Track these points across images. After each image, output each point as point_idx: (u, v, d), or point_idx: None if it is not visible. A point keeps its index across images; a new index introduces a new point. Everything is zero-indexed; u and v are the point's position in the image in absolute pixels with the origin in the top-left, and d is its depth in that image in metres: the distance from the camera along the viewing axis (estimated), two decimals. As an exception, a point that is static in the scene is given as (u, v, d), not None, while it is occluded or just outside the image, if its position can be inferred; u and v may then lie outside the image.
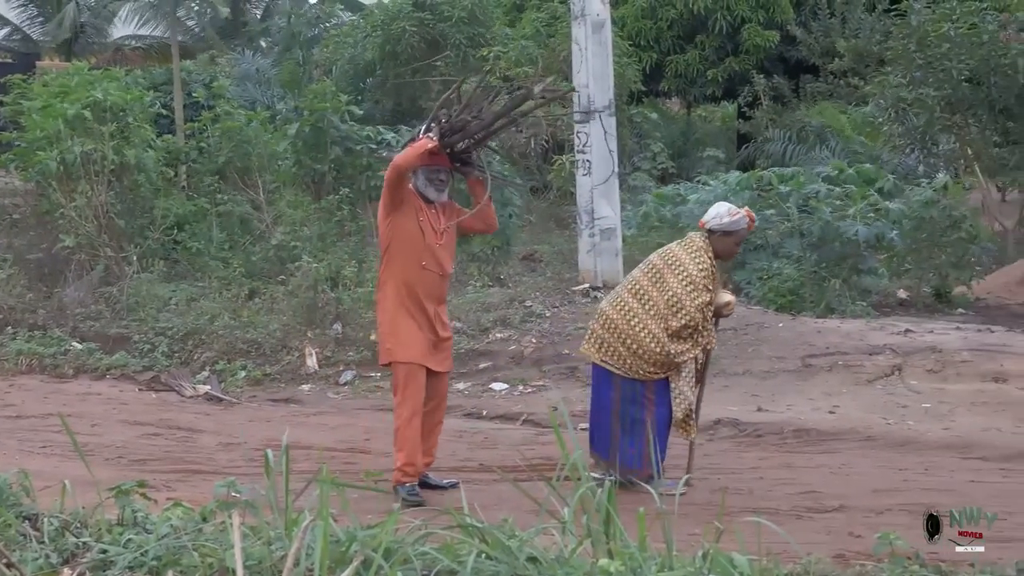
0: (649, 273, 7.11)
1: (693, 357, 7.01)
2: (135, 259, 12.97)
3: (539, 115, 7.40)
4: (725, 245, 7.13)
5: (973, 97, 15.92)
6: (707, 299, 6.93)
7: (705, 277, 6.94)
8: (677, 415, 6.98)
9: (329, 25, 22.97)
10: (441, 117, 6.93)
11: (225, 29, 27.21)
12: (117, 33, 27.84)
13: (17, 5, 28.22)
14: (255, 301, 12.10)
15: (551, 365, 10.54)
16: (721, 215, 7.11)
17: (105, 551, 3.04)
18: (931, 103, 15.91)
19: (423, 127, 7.02)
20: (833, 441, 8.41)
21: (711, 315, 7.03)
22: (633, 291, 7.12)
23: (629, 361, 7.02)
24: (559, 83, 9.42)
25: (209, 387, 10.50)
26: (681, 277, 6.95)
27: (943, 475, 7.48)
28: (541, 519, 3.11)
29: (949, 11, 16.01)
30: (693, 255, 7.02)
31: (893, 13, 18.38)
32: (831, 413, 9.01)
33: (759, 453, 8.20)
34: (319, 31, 22.42)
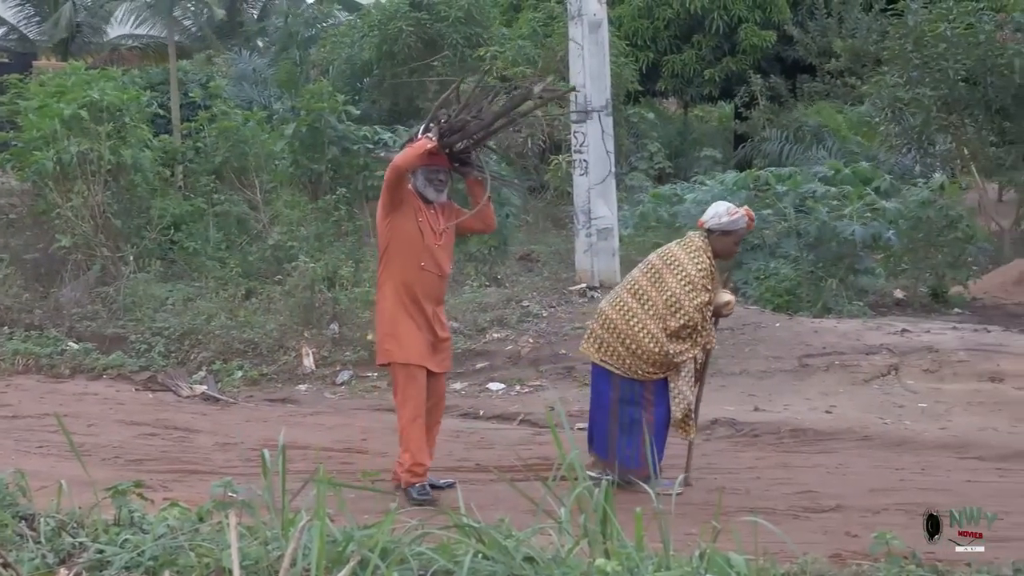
0: (648, 273, 7.11)
1: (692, 357, 7.01)
2: (132, 259, 12.96)
3: (537, 115, 7.37)
4: (724, 244, 7.12)
5: (970, 97, 15.94)
6: (706, 299, 6.92)
7: (704, 277, 6.94)
8: (676, 415, 6.98)
9: (326, 25, 22.94)
10: (440, 117, 6.92)
11: (222, 29, 27.17)
12: (113, 33, 27.77)
13: (13, 5, 28.16)
14: (252, 301, 12.09)
15: (548, 365, 10.54)
16: (720, 214, 7.10)
17: (102, 551, 3.04)
18: (928, 103, 15.93)
19: (421, 127, 7.01)
20: (830, 441, 8.41)
21: (710, 315, 7.03)
22: (632, 291, 7.11)
23: (628, 361, 7.02)
24: (557, 83, 9.40)
25: (206, 387, 10.49)
26: (680, 277, 6.95)
27: (940, 475, 7.49)
28: (538, 519, 3.11)
29: (946, 11, 16.04)
30: (692, 255, 7.01)
31: (890, 13, 18.39)
32: (828, 413, 9.02)
33: (756, 453, 8.20)
34: (316, 31, 22.39)
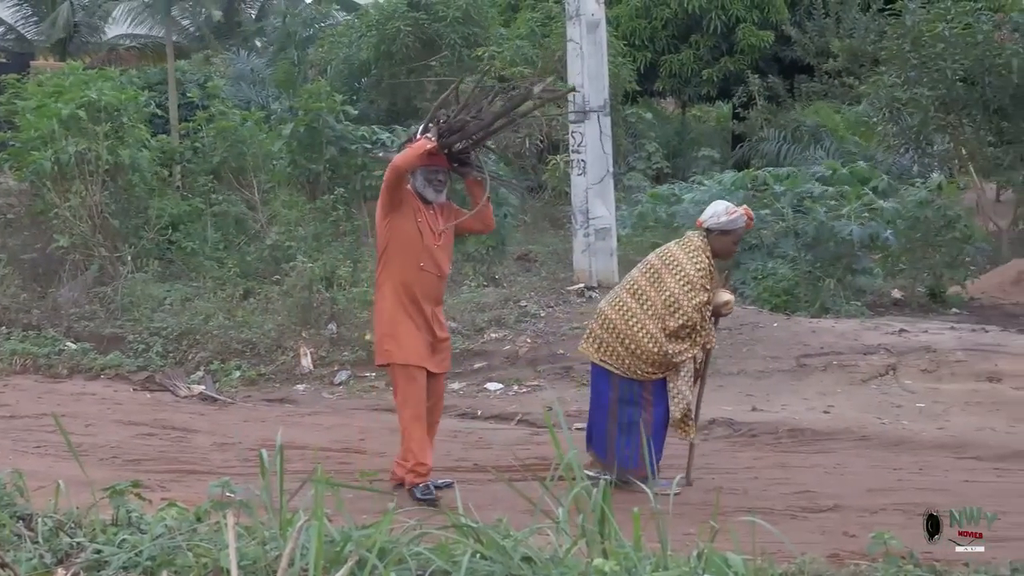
0: (647, 273, 7.10)
1: (692, 357, 7.01)
2: (129, 259, 12.94)
3: (536, 115, 7.37)
4: (723, 244, 7.11)
5: (967, 97, 15.94)
6: (705, 298, 6.92)
7: (703, 277, 6.93)
8: (675, 415, 6.98)
9: (324, 25, 22.94)
10: (440, 117, 6.91)
11: (220, 29, 27.14)
12: (111, 33, 27.76)
13: (11, 4, 28.14)
14: (250, 301, 12.08)
15: (546, 365, 10.53)
16: (719, 214, 7.09)
17: (99, 551, 3.04)
18: (926, 103, 15.93)
19: (420, 127, 7.01)
20: (828, 441, 8.41)
21: (709, 314, 7.03)
22: (631, 291, 7.11)
23: (627, 361, 7.02)
24: (557, 84, 9.39)
25: (204, 387, 10.49)
26: (679, 277, 6.95)
27: (937, 475, 7.49)
28: (536, 519, 3.11)
29: (944, 11, 16.04)
30: (691, 255, 7.01)
31: (888, 13, 18.41)
32: (826, 413, 9.02)
33: (754, 453, 8.20)
34: (314, 31, 22.39)
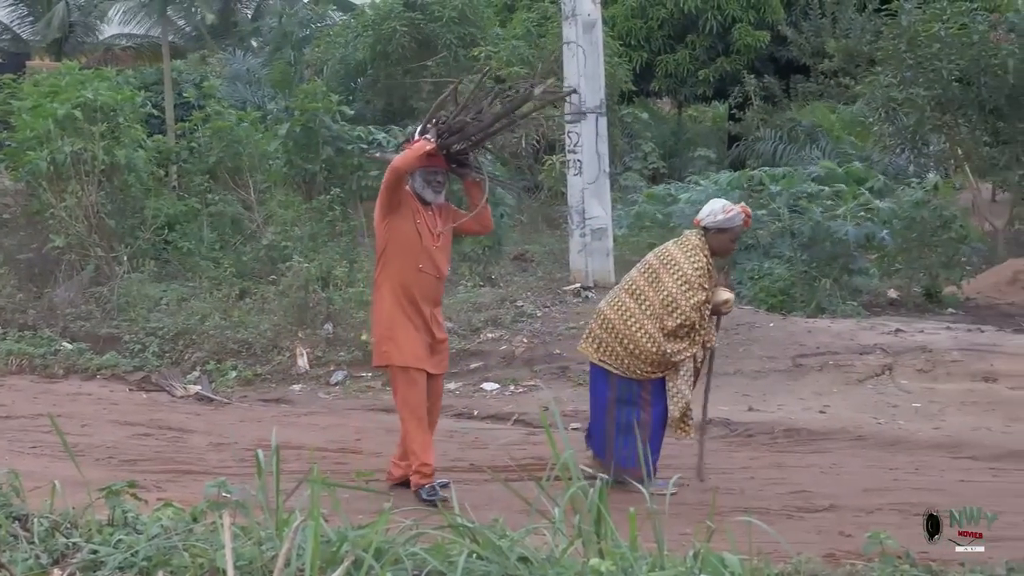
0: (645, 273, 7.10)
1: (691, 356, 7.01)
2: (125, 259, 12.94)
3: (535, 116, 7.35)
4: (721, 242, 7.11)
5: (963, 97, 15.95)
6: (703, 297, 6.91)
7: (701, 276, 6.93)
8: (674, 414, 6.97)
9: (320, 25, 22.93)
10: (439, 118, 6.90)
11: (216, 29, 27.11)
12: (107, 32, 27.72)
13: (7, 4, 28.08)
14: (246, 301, 12.07)
15: (542, 365, 10.53)
16: (716, 212, 7.10)
17: (95, 551, 3.04)
18: (921, 103, 15.94)
19: (419, 128, 7.00)
20: (824, 441, 8.41)
21: (708, 313, 7.02)
22: (630, 291, 7.11)
23: (627, 361, 7.02)
24: (557, 85, 9.35)
25: (200, 387, 10.48)
26: (676, 276, 6.94)
27: (933, 474, 7.50)
28: (532, 519, 3.11)
29: (939, 11, 16.05)
30: (688, 254, 7.01)
31: (883, 13, 18.43)
32: (822, 413, 9.03)
33: (750, 453, 8.20)
34: (310, 31, 22.38)
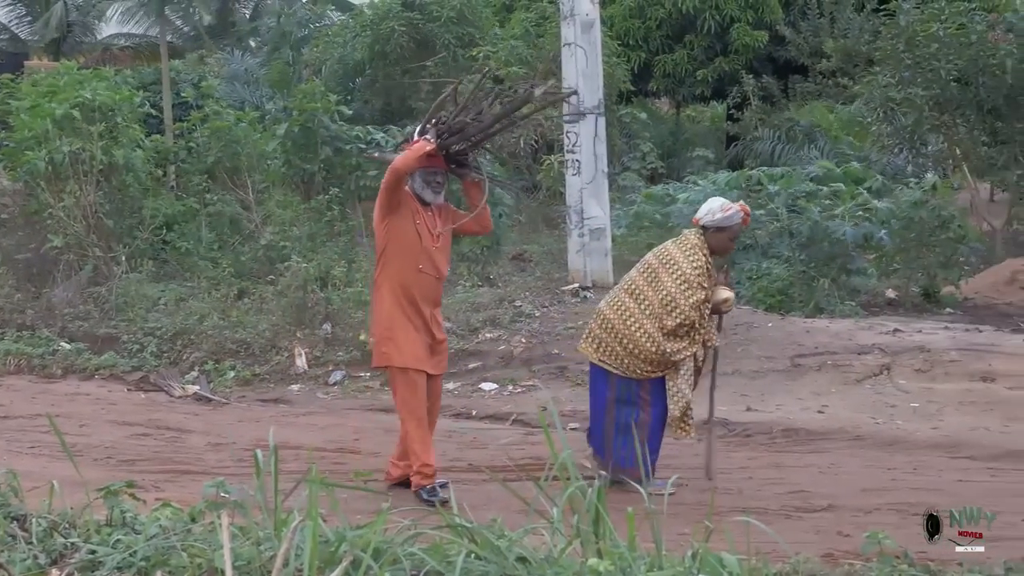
0: (645, 272, 7.10)
1: (691, 355, 7.00)
2: (124, 259, 12.94)
3: (536, 116, 7.36)
4: (719, 241, 7.10)
5: (962, 97, 15.96)
6: (702, 296, 6.91)
7: (700, 275, 6.93)
8: (674, 413, 6.96)
9: (319, 25, 22.93)
10: (439, 119, 6.89)
11: (214, 29, 27.13)
12: (105, 32, 27.71)
13: (5, 4, 28.07)
14: (244, 301, 12.07)
15: (541, 365, 10.54)
16: (714, 211, 7.10)
17: (93, 552, 3.03)
18: (920, 103, 15.96)
19: (418, 128, 7.00)
20: (822, 441, 8.42)
21: (708, 312, 7.02)
22: (629, 291, 7.11)
23: (626, 361, 7.02)
24: (556, 86, 9.35)
25: (198, 387, 10.48)
26: (675, 276, 6.94)
27: (931, 474, 7.50)
28: (530, 519, 3.11)
29: (938, 11, 16.07)
30: (687, 253, 7.00)
31: (882, 13, 18.45)
32: (820, 413, 9.03)
33: (748, 453, 8.20)
34: (309, 31, 22.38)
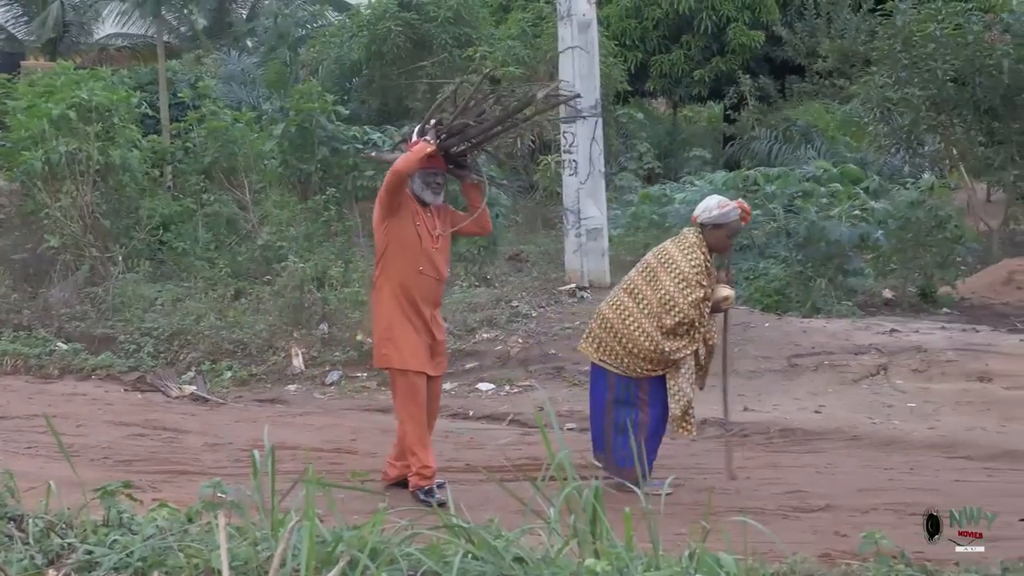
0: (644, 272, 7.11)
1: (691, 353, 7.00)
2: (120, 259, 12.92)
3: (537, 118, 7.36)
4: (717, 238, 7.09)
5: (958, 97, 15.98)
6: (701, 295, 6.91)
7: (698, 273, 6.92)
8: (675, 412, 6.96)
9: (316, 26, 22.92)
10: (438, 120, 6.88)
11: (211, 29, 27.13)
12: (102, 32, 27.70)
13: (1, 4, 28.08)
14: (241, 301, 12.06)
15: (537, 365, 10.53)
16: (711, 208, 7.10)
17: (90, 552, 3.03)
18: (916, 103, 15.97)
19: (416, 129, 6.99)
20: (819, 441, 8.42)
21: (708, 310, 7.02)
22: (628, 290, 7.12)
23: (626, 360, 7.02)
24: (559, 89, 9.34)
25: (195, 387, 10.47)
26: (674, 274, 6.94)
27: (928, 474, 7.50)
28: (527, 519, 3.11)
29: (934, 11, 16.09)
30: (686, 252, 7.00)
31: (878, 13, 18.44)
32: (817, 413, 9.03)
33: (745, 453, 8.19)
34: (306, 31, 22.37)
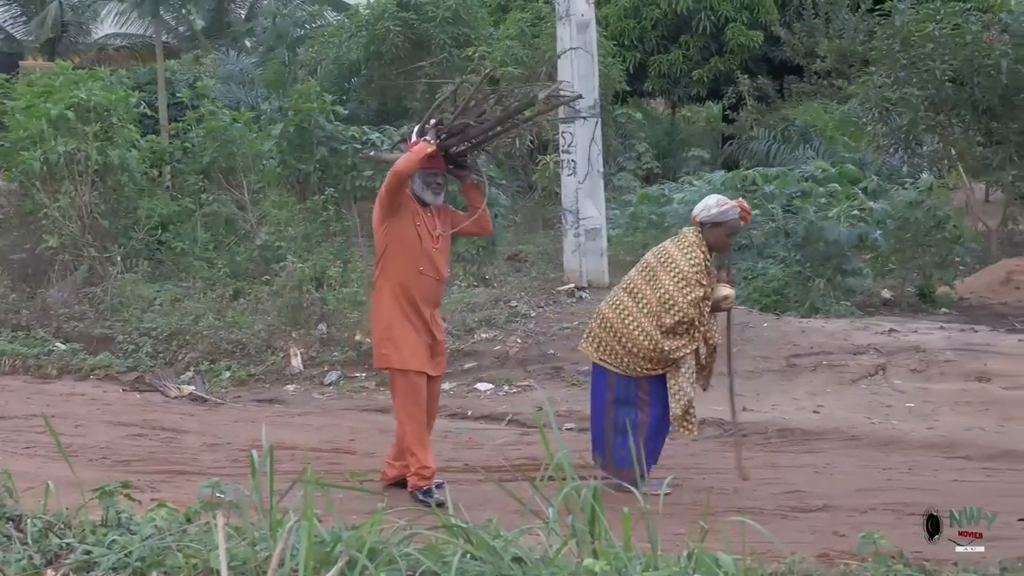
0: (643, 272, 7.12)
1: (692, 352, 7.00)
2: (119, 259, 12.92)
3: (538, 118, 7.37)
4: (716, 237, 7.09)
5: (957, 97, 15.98)
6: (700, 294, 6.91)
7: (698, 272, 6.92)
8: (676, 411, 6.96)
9: (314, 26, 22.91)
10: (441, 119, 6.88)
11: (209, 29, 27.13)
12: (101, 32, 27.69)
13: (0, 5, 28.07)
14: (240, 301, 12.06)
15: (536, 365, 10.53)
16: (709, 207, 7.11)
17: (89, 552, 3.03)
18: (915, 103, 15.97)
19: (416, 129, 6.99)
20: (817, 441, 8.42)
21: (708, 309, 7.02)
22: (628, 290, 7.12)
23: (625, 359, 7.02)
24: (560, 89, 9.35)
25: (193, 388, 10.47)
26: (673, 274, 6.94)
27: (927, 474, 7.50)
28: (526, 519, 3.11)
29: (933, 11, 16.09)
30: (685, 251, 7.00)
31: (877, 13, 18.44)
32: (815, 413, 9.03)
33: (744, 453, 8.16)
34: (305, 31, 22.36)
